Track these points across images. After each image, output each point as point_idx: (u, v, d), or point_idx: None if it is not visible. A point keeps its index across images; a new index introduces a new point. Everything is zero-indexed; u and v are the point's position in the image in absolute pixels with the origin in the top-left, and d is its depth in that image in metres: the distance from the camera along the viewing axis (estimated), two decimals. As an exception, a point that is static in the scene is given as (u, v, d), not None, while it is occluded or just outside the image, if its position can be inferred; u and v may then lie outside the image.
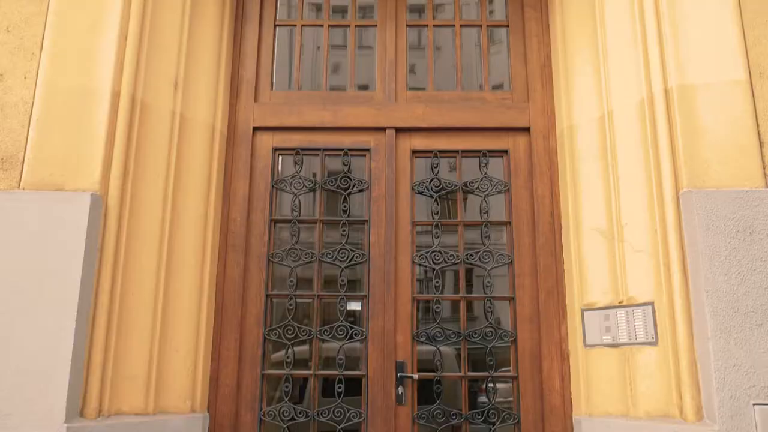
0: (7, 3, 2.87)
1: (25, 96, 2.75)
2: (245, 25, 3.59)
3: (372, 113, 3.44)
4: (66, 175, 2.65)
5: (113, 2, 2.85)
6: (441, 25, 3.73)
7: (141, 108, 2.88)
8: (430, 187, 3.40)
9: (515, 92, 3.52)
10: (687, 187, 2.64)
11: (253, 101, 3.47)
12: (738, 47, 2.79)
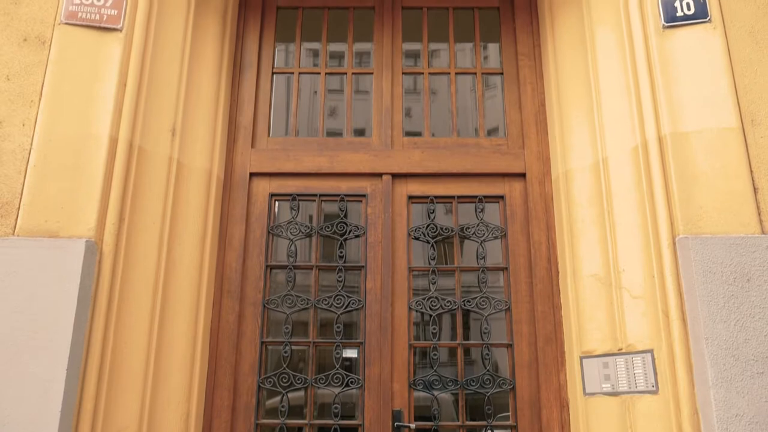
0: (8, 52, 2.91)
1: (23, 143, 2.77)
2: (243, 73, 3.64)
3: (368, 159, 3.46)
4: (61, 221, 2.64)
5: (113, 52, 2.89)
6: (436, 73, 3.78)
7: (138, 154, 2.89)
8: (427, 233, 3.40)
9: (510, 138, 3.55)
10: (683, 234, 2.65)
11: (250, 147, 3.50)
12: (729, 95, 2.83)
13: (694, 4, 2.96)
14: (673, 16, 2.96)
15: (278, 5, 3.84)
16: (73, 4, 2.95)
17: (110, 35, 2.93)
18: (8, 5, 2.99)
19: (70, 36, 2.91)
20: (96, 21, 2.93)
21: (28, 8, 2.98)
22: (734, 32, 2.94)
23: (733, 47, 2.91)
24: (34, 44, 2.92)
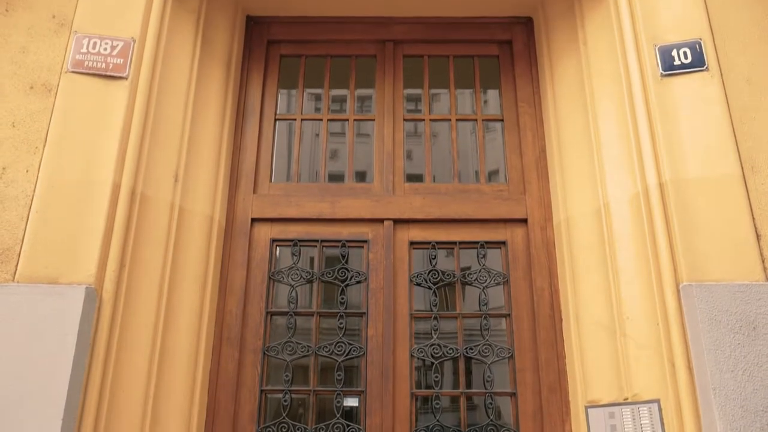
0: (15, 99, 2.94)
1: (26, 189, 2.77)
2: (246, 119, 3.67)
3: (370, 205, 3.46)
4: (61, 268, 2.63)
5: (118, 99, 2.92)
6: (437, 119, 3.82)
7: (141, 201, 2.89)
8: (428, 279, 3.38)
9: (511, 184, 3.57)
10: (687, 281, 2.63)
11: (252, 193, 3.51)
12: (729, 142, 2.85)
13: (691, 54, 3.01)
14: (670, 64, 3.00)
15: (281, 54, 3.90)
16: (80, 53, 3.00)
17: (116, 83, 2.97)
18: (16, 54, 3.04)
19: (75, 84, 2.95)
20: (102, 69, 2.97)
21: (36, 56, 3.03)
22: (731, 80, 2.98)
23: (730, 95, 2.95)
24: (40, 92, 2.96)
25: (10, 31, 3.09)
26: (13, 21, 3.11)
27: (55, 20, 3.10)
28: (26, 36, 3.07)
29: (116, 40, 3.03)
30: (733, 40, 3.04)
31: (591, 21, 3.40)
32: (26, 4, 3.14)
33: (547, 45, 3.64)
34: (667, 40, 3.05)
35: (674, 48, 3.02)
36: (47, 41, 3.06)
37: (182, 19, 3.36)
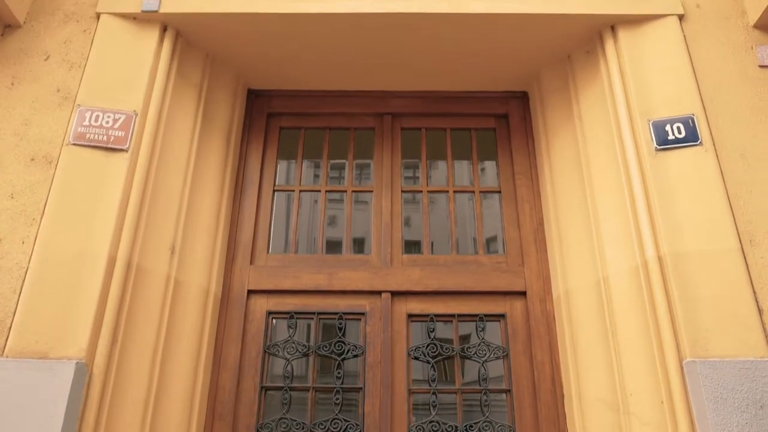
0: (15, 171, 2.95)
1: (21, 261, 2.75)
2: (245, 190, 3.69)
3: (368, 277, 3.43)
4: (51, 342, 2.57)
5: (118, 171, 2.94)
6: (435, 191, 3.84)
7: (136, 272, 2.87)
8: (427, 352, 3.31)
9: (510, 256, 3.55)
10: (690, 357, 2.58)
11: (249, 264, 3.48)
12: (726, 216, 2.85)
13: (685, 128, 3.05)
14: (664, 139, 3.05)
15: (281, 126, 3.96)
16: (82, 126, 3.04)
17: (116, 155, 2.99)
18: (19, 126, 3.07)
19: (76, 156, 2.97)
20: (103, 142, 3.00)
21: (38, 129, 3.06)
22: (725, 155, 3.01)
23: (725, 169, 2.98)
24: (40, 164, 2.98)
25: (14, 103, 3.13)
26: (19, 94, 3.16)
27: (60, 93, 3.15)
28: (30, 109, 3.12)
29: (119, 113, 3.08)
30: (725, 116, 3.10)
31: (585, 96, 3.47)
32: (32, 78, 3.20)
33: (543, 119, 3.70)
34: (661, 115, 3.11)
35: (668, 123, 3.08)
36: (50, 114, 3.10)
37: (184, 92, 3.43)
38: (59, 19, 3.36)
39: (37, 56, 3.26)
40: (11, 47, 3.28)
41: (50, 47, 3.28)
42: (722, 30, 3.33)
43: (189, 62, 3.50)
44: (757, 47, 3.29)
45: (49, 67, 3.22)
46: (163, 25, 3.35)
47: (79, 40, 3.30)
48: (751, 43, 3.31)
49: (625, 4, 3.34)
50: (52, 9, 3.38)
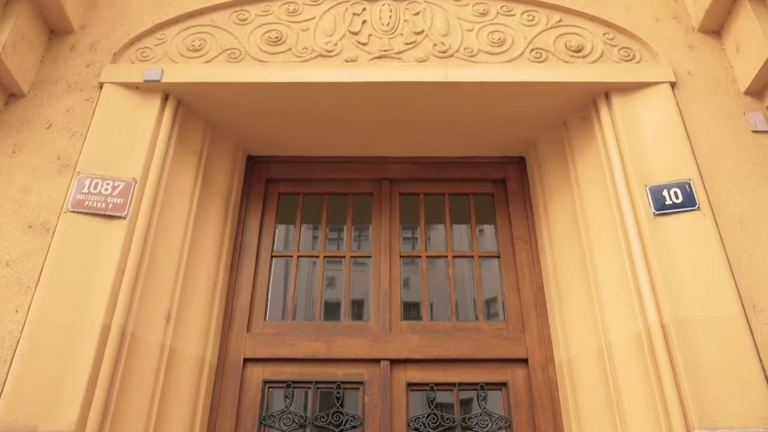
0: (12, 239, 2.94)
1: (13, 330, 2.70)
2: (243, 256, 3.67)
3: (366, 344, 3.37)
4: (40, 415, 2.49)
5: (115, 239, 2.92)
6: (434, 256, 3.82)
7: (130, 341, 2.81)
8: (427, 423, 3.22)
9: (510, 322, 3.50)
10: (698, 428, 2.50)
11: (245, 332, 3.43)
12: (727, 281, 2.82)
13: (682, 193, 3.06)
14: (662, 204, 3.05)
15: (280, 191, 3.98)
16: (81, 193, 3.04)
17: (114, 223, 2.98)
18: (18, 194, 3.07)
19: (74, 223, 2.97)
20: (101, 209, 3.00)
21: (38, 196, 3.07)
22: (724, 220, 3.01)
23: (724, 234, 2.96)
24: (38, 231, 2.97)
25: (15, 171, 3.15)
26: (19, 162, 3.18)
27: (60, 161, 3.17)
28: (30, 176, 3.13)
29: (118, 180, 3.09)
30: (721, 181, 3.11)
31: (582, 162, 3.50)
32: (33, 146, 3.23)
33: (541, 184, 3.72)
34: (657, 181, 3.12)
35: (665, 188, 3.09)
36: (50, 181, 3.11)
37: (184, 159, 3.45)
38: (62, 89, 3.41)
39: (39, 124, 3.30)
40: (14, 116, 3.32)
41: (52, 116, 3.32)
42: (714, 96, 3.39)
43: (189, 130, 3.55)
44: (749, 113, 3.34)
45: (51, 135, 3.26)
46: (165, 94, 3.41)
47: (82, 108, 3.35)
48: (743, 108, 3.36)
49: (618, 73, 3.41)
50: (56, 79, 3.44)
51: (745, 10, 3.35)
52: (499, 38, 3.54)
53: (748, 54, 3.33)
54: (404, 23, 3.61)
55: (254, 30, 3.59)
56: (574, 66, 3.44)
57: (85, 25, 3.65)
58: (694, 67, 3.48)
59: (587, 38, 3.57)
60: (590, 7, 3.68)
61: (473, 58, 3.48)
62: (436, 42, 3.53)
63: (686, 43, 3.58)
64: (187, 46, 3.52)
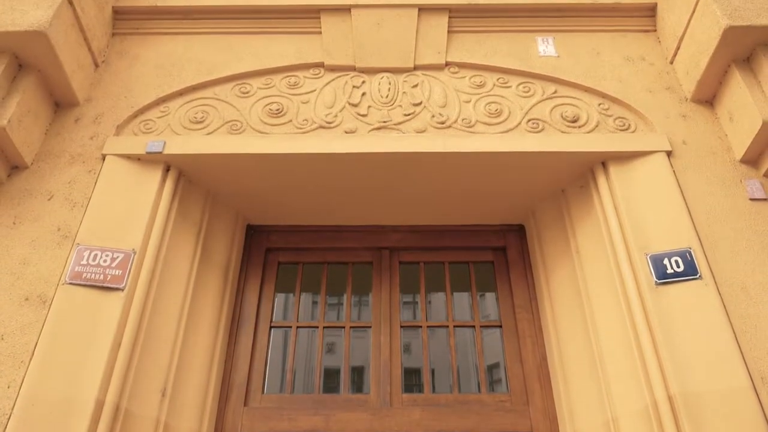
0: (8, 312, 2.90)
1: (4, 407, 2.63)
2: (241, 327, 3.63)
3: (366, 419, 3.29)
4: (27, 499, 2.41)
5: (112, 311, 2.89)
6: (435, 326, 3.77)
7: (124, 417, 2.74)
8: (430, 502, 3.10)
9: (513, 394, 3.42)
10: (711, 507, 2.40)
11: (242, 406, 3.35)
12: (734, 352, 2.76)
13: (683, 262, 3.04)
14: (663, 273, 3.03)
15: (279, 261, 3.97)
16: (80, 265, 3.03)
17: (111, 295, 2.96)
18: (16, 265, 3.06)
19: (71, 296, 2.94)
20: (99, 281, 2.98)
21: (36, 268, 3.05)
22: (726, 288, 2.98)
23: (728, 303, 2.93)
24: (34, 304, 2.94)
25: (14, 243, 3.14)
26: (19, 233, 3.17)
27: (60, 232, 3.17)
28: (29, 248, 3.12)
29: (117, 251, 3.08)
30: (722, 249, 3.10)
31: (581, 230, 3.50)
32: (33, 217, 3.23)
33: (541, 252, 3.72)
34: (658, 249, 3.11)
35: (665, 257, 3.07)
36: (49, 253, 3.10)
37: (184, 229, 3.46)
38: (65, 161, 3.45)
39: (40, 196, 3.31)
40: (17, 187, 3.34)
41: (54, 187, 3.34)
42: (710, 165, 3.41)
43: (190, 200, 3.57)
44: (745, 181, 3.36)
45: (52, 207, 3.27)
46: (167, 165, 3.45)
47: (84, 180, 3.37)
48: (740, 176, 3.38)
49: (614, 142, 3.46)
50: (59, 151, 3.48)
51: (736, 81, 3.42)
52: (496, 109, 3.60)
53: (741, 123, 3.38)
54: (403, 95, 3.69)
55: (256, 102, 3.66)
56: (571, 136, 3.49)
57: (90, 98, 3.72)
58: (688, 137, 3.53)
59: (583, 109, 3.64)
60: (584, 79, 3.76)
61: (471, 129, 3.53)
62: (434, 113, 3.59)
63: (680, 112, 3.64)
64: (189, 118, 3.58)
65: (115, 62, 3.89)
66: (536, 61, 3.86)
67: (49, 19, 3.29)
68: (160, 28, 4.04)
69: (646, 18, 4.08)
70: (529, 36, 4.00)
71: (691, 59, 3.60)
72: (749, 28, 3.31)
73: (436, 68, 3.82)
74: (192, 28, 4.02)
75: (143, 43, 3.98)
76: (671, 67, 3.85)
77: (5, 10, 3.33)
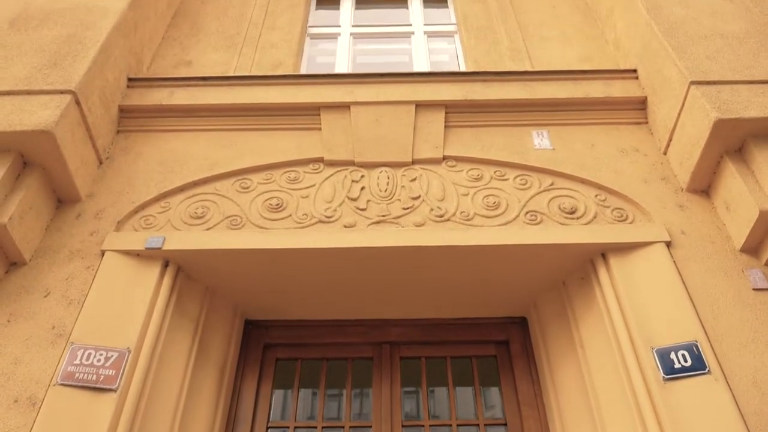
0: None
1: None
2: (237, 428, 3.50)
3: None
4: None
5: (103, 414, 2.78)
6: (437, 425, 3.64)
7: None
8: None
9: (522, 498, 3.26)
10: None
11: None
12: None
13: (690, 356, 2.97)
14: (671, 368, 2.95)
15: (278, 357, 3.88)
16: (72, 365, 2.95)
17: (104, 396, 2.87)
18: (8, 365, 2.98)
19: (62, 397, 2.84)
20: (92, 381, 2.90)
21: (28, 368, 2.97)
22: (737, 383, 2.89)
23: (739, 399, 2.83)
24: (24, 406, 2.84)
25: (7, 341, 3.08)
26: (12, 332, 3.12)
27: (54, 331, 3.12)
28: (22, 347, 3.05)
29: (111, 350, 3.01)
30: (729, 342, 3.03)
31: (585, 324, 3.45)
32: (29, 314, 3.19)
33: (544, 346, 3.65)
34: (664, 343, 3.04)
35: (672, 350, 3.00)
36: (42, 352, 3.03)
37: (181, 326, 3.41)
38: (64, 257, 3.43)
39: (37, 293, 3.28)
40: (13, 284, 3.31)
41: (51, 284, 3.31)
42: (711, 255, 3.40)
43: (188, 296, 3.54)
44: (747, 270, 3.33)
45: (48, 304, 3.23)
46: (165, 261, 3.44)
47: (82, 276, 3.35)
48: (741, 266, 3.36)
49: (613, 234, 3.46)
50: (59, 246, 3.48)
51: (730, 171, 3.46)
52: (494, 202, 3.63)
53: (738, 213, 3.39)
54: (402, 189, 3.73)
55: (256, 197, 3.70)
56: (569, 228, 3.50)
57: (92, 193, 3.75)
58: (687, 227, 3.53)
59: (580, 200, 3.67)
60: (580, 171, 3.81)
61: (470, 222, 3.54)
62: (432, 206, 3.62)
63: (677, 202, 3.66)
64: (190, 213, 3.61)
65: (118, 158, 3.96)
66: (532, 153, 3.93)
67: (57, 119, 3.37)
68: (164, 126, 4.14)
69: (637, 111, 4.19)
70: (524, 129, 4.09)
71: (684, 151, 3.67)
72: (738, 121, 3.39)
73: (434, 162, 3.89)
74: (195, 126, 4.12)
75: (147, 140, 4.06)
76: (665, 157, 3.91)
77: (14, 111, 3.42)
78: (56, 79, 3.62)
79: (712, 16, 4.17)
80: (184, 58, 4.84)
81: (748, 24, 4.09)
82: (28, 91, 3.54)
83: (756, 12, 4.21)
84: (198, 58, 4.84)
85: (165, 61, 4.83)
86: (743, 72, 3.67)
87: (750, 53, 3.82)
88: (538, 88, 4.18)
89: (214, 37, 5.07)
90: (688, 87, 3.61)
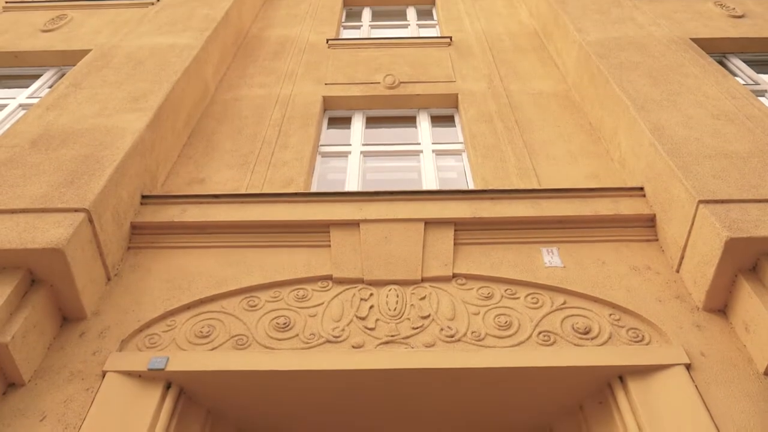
0: None
1: None
2: None
3: None
4: None
5: None
6: None
7: None
8: None
9: None
10: None
11: None
12: None
13: None
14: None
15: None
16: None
17: None
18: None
19: None
20: None
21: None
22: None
23: None
24: None
25: None
26: None
27: (47, 458, 2.98)
28: None
29: (105, 481, 2.86)
30: None
31: (605, 451, 3.27)
32: None
33: (565, 478, 3.44)
34: None
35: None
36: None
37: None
38: (64, 378, 3.33)
39: (33, 417, 3.15)
40: (9, 407, 3.20)
41: (49, 407, 3.19)
42: (733, 379, 3.26)
43: (189, 419, 3.40)
44: (773, 394, 3.19)
45: (43, 429, 3.09)
46: (168, 382, 3.33)
47: (80, 398, 3.23)
48: (766, 390, 3.21)
49: (630, 356, 3.34)
50: (59, 367, 3.39)
51: (746, 291, 3.39)
52: (505, 321, 3.55)
53: (758, 334, 3.29)
54: (411, 308, 3.66)
55: (263, 316, 3.64)
56: (584, 349, 3.39)
57: (98, 311, 3.70)
58: (706, 348, 3.41)
59: (594, 320, 3.58)
60: (592, 289, 3.75)
61: (481, 342, 3.45)
62: (443, 326, 3.54)
63: (693, 322, 3.56)
64: (195, 332, 3.54)
65: (126, 275, 3.95)
66: (542, 271, 3.89)
67: (68, 237, 3.40)
68: (174, 243, 4.16)
69: (646, 228, 4.19)
70: (533, 247, 4.08)
71: (697, 269, 3.62)
72: (751, 240, 3.36)
73: (443, 280, 3.85)
74: (205, 243, 4.14)
75: (157, 257, 4.07)
76: (678, 275, 3.85)
77: (27, 228, 3.46)
78: (71, 198, 3.69)
79: (715, 137, 4.26)
80: (198, 176, 4.94)
81: (750, 144, 4.17)
82: (43, 209, 3.60)
83: (758, 133, 4.30)
84: (211, 175, 4.95)
85: (179, 178, 4.93)
86: (750, 191, 3.68)
87: (755, 172, 3.86)
88: (546, 205, 4.21)
89: (228, 155, 5.21)
90: (697, 206, 3.62)
